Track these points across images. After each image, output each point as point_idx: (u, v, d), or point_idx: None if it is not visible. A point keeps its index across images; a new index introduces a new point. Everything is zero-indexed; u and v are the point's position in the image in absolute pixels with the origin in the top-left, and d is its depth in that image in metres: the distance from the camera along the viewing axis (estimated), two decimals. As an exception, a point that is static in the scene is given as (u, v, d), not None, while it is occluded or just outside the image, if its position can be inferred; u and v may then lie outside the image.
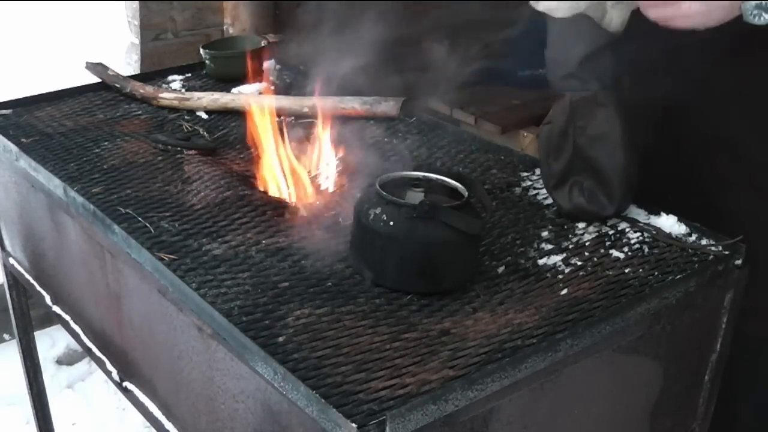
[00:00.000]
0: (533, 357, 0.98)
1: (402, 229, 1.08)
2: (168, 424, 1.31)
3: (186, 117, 1.66)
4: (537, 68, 2.37)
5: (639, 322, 1.09)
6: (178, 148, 1.51)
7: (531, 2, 1.28)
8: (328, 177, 1.41)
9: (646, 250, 1.22)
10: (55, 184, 1.41)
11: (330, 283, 1.14)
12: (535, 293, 1.12)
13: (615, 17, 1.24)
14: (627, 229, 1.27)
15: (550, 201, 1.35)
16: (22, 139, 1.56)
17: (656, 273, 1.16)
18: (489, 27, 2.11)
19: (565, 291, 1.12)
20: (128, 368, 1.40)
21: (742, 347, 1.29)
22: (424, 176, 1.18)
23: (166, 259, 1.18)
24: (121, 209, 1.31)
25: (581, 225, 1.28)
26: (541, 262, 1.19)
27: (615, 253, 1.21)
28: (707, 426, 1.31)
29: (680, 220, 1.27)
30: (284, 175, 1.38)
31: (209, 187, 1.39)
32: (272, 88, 1.73)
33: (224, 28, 2.74)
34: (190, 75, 1.89)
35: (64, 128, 1.61)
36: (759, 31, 1.11)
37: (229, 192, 1.36)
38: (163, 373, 1.28)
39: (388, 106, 1.62)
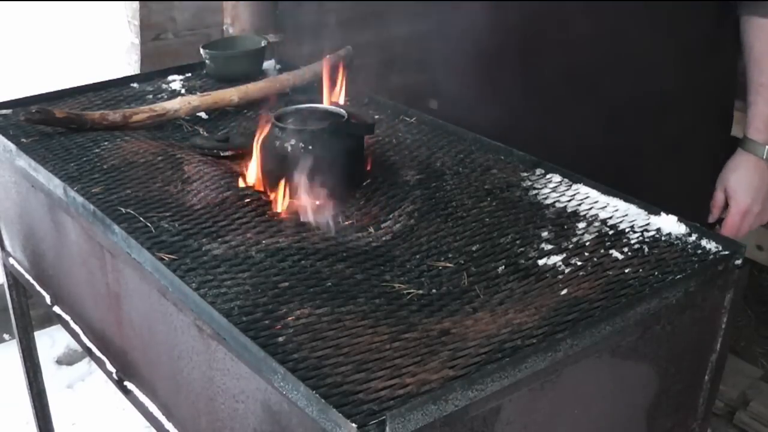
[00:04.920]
0: (533, 357, 0.98)
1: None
2: (168, 424, 1.31)
3: (186, 117, 1.66)
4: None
5: (639, 322, 1.09)
6: (215, 151, 1.50)
7: None
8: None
9: (646, 250, 1.22)
10: (55, 184, 1.41)
11: (330, 283, 1.14)
12: (535, 293, 1.12)
13: None
14: (627, 229, 1.27)
15: (550, 201, 1.35)
16: (22, 139, 1.56)
17: (656, 273, 1.16)
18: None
19: (565, 291, 1.12)
20: (128, 368, 1.40)
21: None
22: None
23: (166, 259, 1.18)
24: (121, 209, 1.31)
25: (581, 225, 1.28)
26: (541, 262, 1.19)
27: (615, 253, 1.21)
28: (707, 426, 1.31)
29: (680, 220, 1.27)
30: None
31: (209, 187, 1.39)
32: None
33: (224, 28, 2.73)
34: (190, 75, 1.90)
35: (64, 128, 1.60)
36: None
37: (229, 192, 1.37)
38: (163, 373, 1.28)
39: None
